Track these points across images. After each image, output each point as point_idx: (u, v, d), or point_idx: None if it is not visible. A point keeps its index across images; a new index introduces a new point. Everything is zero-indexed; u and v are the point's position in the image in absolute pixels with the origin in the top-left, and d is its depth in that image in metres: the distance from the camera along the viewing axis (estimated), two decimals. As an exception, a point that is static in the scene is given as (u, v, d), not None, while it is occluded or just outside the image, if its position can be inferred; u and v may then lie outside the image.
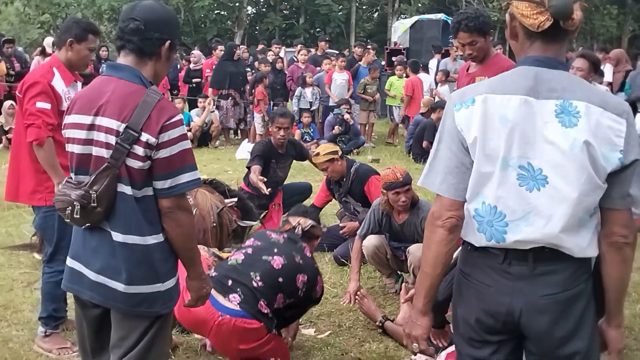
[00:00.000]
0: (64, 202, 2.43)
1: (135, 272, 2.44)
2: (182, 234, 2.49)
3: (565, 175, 2.00)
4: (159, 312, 2.52)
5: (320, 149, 6.09)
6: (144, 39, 2.46)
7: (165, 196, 2.42)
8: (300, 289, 3.73)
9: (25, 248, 6.05)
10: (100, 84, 2.52)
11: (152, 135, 2.35)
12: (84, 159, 2.47)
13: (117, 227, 2.43)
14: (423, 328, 2.28)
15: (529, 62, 2.10)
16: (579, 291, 2.09)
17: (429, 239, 2.19)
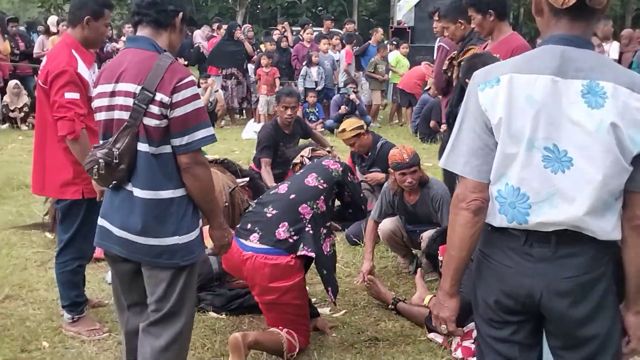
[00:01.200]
0: (92, 161, 2.63)
1: (154, 226, 2.65)
2: (201, 188, 2.69)
3: (591, 157, 1.98)
4: (179, 264, 2.70)
5: (346, 125, 6.07)
6: (160, 11, 2.70)
7: (183, 152, 2.61)
8: (320, 184, 3.84)
9: (37, 227, 6.08)
10: (121, 55, 2.78)
11: (165, 94, 2.56)
12: (108, 124, 2.70)
13: (137, 183, 2.64)
14: (451, 310, 2.28)
15: (555, 41, 2.06)
16: (600, 274, 2.08)
17: (453, 221, 2.19)
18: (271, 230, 3.65)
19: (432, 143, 10.96)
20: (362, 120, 6.27)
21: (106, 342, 3.95)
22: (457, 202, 2.16)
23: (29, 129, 12.38)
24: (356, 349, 3.93)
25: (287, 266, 3.59)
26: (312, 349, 3.89)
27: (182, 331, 2.81)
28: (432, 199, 4.88)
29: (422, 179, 4.92)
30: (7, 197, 7.39)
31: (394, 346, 3.97)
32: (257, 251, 3.62)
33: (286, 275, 3.60)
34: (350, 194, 4.04)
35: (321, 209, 3.79)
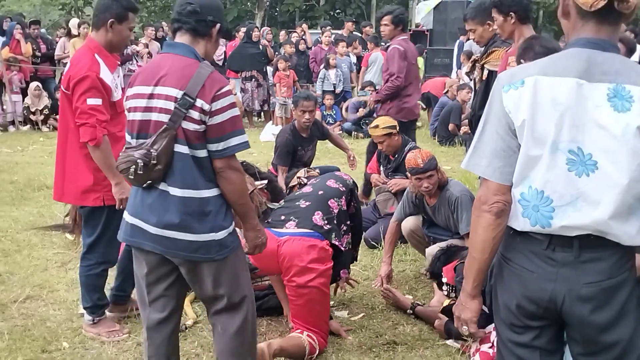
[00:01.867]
0: (128, 162, 2.72)
1: (190, 223, 2.76)
2: (235, 191, 2.83)
3: (616, 160, 1.96)
4: (214, 258, 2.82)
5: (380, 122, 6.04)
6: (199, 20, 2.82)
7: (218, 157, 2.75)
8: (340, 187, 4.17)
9: (58, 228, 6.13)
10: (160, 59, 2.88)
11: (206, 101, 2.69)
12: (144, 125, 2.79)
13: (174, 182, 2.75)
14: (472, 311, 2.28)
15: (581, 44, 2.05)
16: (623, 279, 2.06)
17: (475, 223, 2.18)
18: (308, 217, 3.90)
19: (450, 146, 10.94)
20: (396, 120, 6.21)
21: (126, 344, 3.97)
22: (479, 204, 2.15)
23: (50, 131, 12.51)
24: (374, 352, 3.92)
25: (323, 249, 3.80)
26: (330, 352, 3.89)
27: (245, 318, 2.96)
28: (449, 201, 4.86)
29: (441, 181, 4.90)
30: (28, 198, 7.46)
31: (412, 350, 3.95)
32: (295, 234, 3.80)
33: (321, 259, 3.78)
34: (356, 206, 4.32)
35: (343, 207, 4.12)
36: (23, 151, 10.54)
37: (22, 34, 12.79)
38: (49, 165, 9.27)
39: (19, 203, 7.23)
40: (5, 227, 6.27)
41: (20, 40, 12.68)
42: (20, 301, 4.54)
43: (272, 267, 3.91)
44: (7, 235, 6.04)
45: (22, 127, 12.64)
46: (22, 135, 11.99)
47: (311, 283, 3.73)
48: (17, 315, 4.34)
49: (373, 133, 6.05)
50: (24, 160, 9.68)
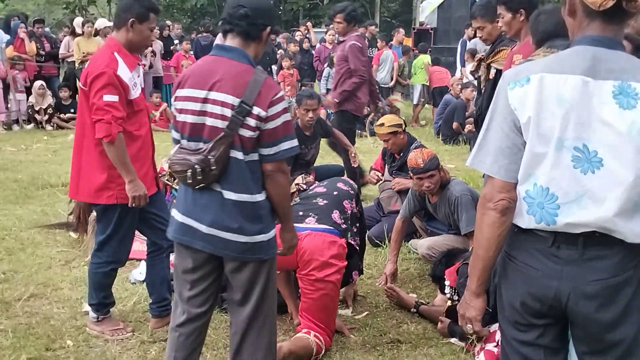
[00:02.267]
0: (184, 165, 2.79)
1: (243, 225, 2.82)
2: (282, 194, 2.91)
3: (622, 158, 1.96)
4: (262, 258, 2.91)
5: (385, 120, 6.01)
6: (251, 24, 2.83)
7: (270, 161, 2.82)
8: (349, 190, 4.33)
9: (62, 227, 6.13)
10: (211, 62, 2.88)
11: (262, 109, 2.74)
12: (197, 128, 2.83)
13: (228, 186, 2.81)
14: (477, 309, 2.27)
15: (587, 42, 2.05)
16: (628, 277, 2.05)
17: (480, 221, 2.17)
18: (327, 214, 4.00)
19: (454, 144, 10.93)
20: (402, 119, 6.20)
21: (129, 342, 3.97)
22: (484, 202, 2.15)
23: (54, 129, 12.55)
24: (378, 351, 3.92)
25: (342, 247, 3.89)
26: (335, 351, 3.89)
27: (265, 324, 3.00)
28: (449, 200, 4.90)
29: (444, 180, 4.93)
30: (32, 196, 7.46)
31: (416, 349, 3.95)
32: (316, 230, 3.87)
33: (340, 255, 3.87)
34: (360, 212, 4.40)
35: (354, 209, 4.25)
36: (27, 150, 10.55)
37: (26, 33, 12.82)
38: (52, 164, 9.31)
39: (23, 201, 7.23)
40: (9, 225, 6.27)
41: (25, 39, 12.71)
42: (24, 299, 4.54)
43: (288, 261, 3.88)
44: (11, 233, 6.04)
45: (26, 126, 12.66)
46: (26, 134, 12.01)
47: (329, 278, 3.78)
48: (21, 313, 4.34)
49: (378, 131, 6.03)
50: (27, 159, 9.68)
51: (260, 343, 3.00)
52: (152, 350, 3.86)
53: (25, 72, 12.84)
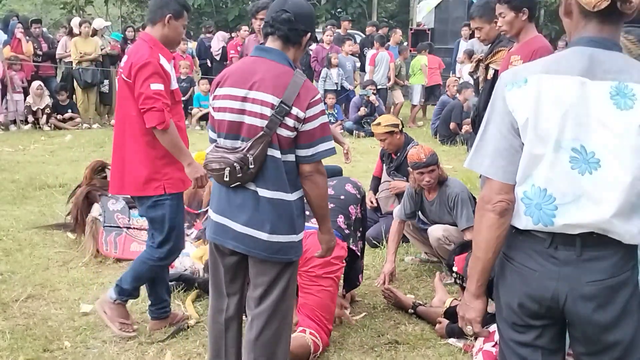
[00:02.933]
0: (222, 163, 2.83)
1: (277, 224, 2.87)
2: (320, 195, 2.95)
3: (619, 159, 1.96)
4: (292, 259, 2.98)
5: (382, 119, 6.02)
6: (292, 29, 2.89)
7: (307, 162, 2.87)
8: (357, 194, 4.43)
9: (59, 227, 6.13)
10: (252, 63, 2.94)
11: (301, 110, 2.80)
12: (235, 126, 2.88)
13: (265, 185, 2.85)
14: (476, 311, 2.27)
15: (584, 43, 2.05)
16: (625, 278, 2.05)
17: (479, 223, 2.17)
18: (333, 218, 3.93)
19: (451, 145, 10.94)
20: (399, 119, 6.20)
21: (127, 343, 3.96)
22: (482, 203, 2.15)
23: (51, 130, 12.53)
24: (376, 352, 3.92)
25: (344, 249, 4.00)
26: (332, 352, 3.88)
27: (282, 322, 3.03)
28: (448, 198, 4.95)
29: (441, 177, 5.00)
30: (30, 197, 7.45)
31: (414, 349, 3.95)
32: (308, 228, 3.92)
33: (341, 257, 3.96)
34: (363, 213, 4.49)
35: (358, 214, 4.33)
36: (24, 150, 10.53)
37: (23, 33, 12.79)
38: (50, 164, 9.30)
39: (21, 202, 7.22)
40: (7, 226, 6.26)
41: (22, 39, 12.68)
42: (22, 300, 4.53)
43: None
44: (8, 234, 6.04)
45: (24, 126, 12.63)
46: (24, 134, 11.99)
47: (329, 275, 3.86)
48: (18, 314, 4.33)
49: (375, 130, 6.03)
50: (25, 159, 9.67)
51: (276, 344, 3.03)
52: (149, 352, 3.86)
53: (22, 72, 12.80)
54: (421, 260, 5.54)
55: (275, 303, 2.98)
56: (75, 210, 5.67)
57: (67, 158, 9.89)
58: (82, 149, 10.66)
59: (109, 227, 5.48)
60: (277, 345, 3.03)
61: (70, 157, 9.94)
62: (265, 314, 2.99)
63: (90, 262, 5.33)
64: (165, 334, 4.06)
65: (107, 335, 4.05)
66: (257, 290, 3.00)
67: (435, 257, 5.24)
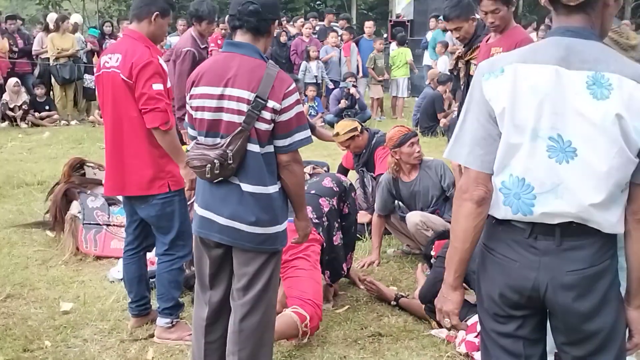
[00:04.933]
0: (203, 160, 2.86)
1: (261, 216, 2.92)
2: (297, 183, 3.01)
3: (596, 148, 1.96)
4: (277, 249, 3.05)
5: (339, 129, 6.01)
6: (261, 19, 2.90)
7: (285, 152, 2.92)
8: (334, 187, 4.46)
9: (38, 226, 6.07)
10: (224, 59, 2.95)
11: (277, 102, 2.83)
12: (214, 124, 2.91)
13: (246, 179, 2.90)
14: (454, 303, 2.26)
15: (561, 32, 2.05)
16: (605, 267, 2.06)
17: (457, 212, 2.17)
18: None
19: (432, 136, 10.97)
20: (355, 121, 6.21)
21: (109, 341, 3.93)
22: (460, 193, 2.15)
23: (29, 127, 12.40)
24: (359, 344, 3.92)
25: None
26: (316, 345, 3.88)
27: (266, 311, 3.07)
28: (435, 169, 5.16)
29: (421, 155, 5.23)
30: (8, 195, 7.37)
31: (398, 341, 3.96)
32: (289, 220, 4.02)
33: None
34: (349, 207, 4.54)
35: (335, 206, 4.38)
36: (1, 148, 10.43)
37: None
38: (28, 162, 9.20)
39: (-2, 201, 7.14)
40: (-15, 225, 6.18)
41: (-4, 36, 12.56)
42: (1, 300, 4.48)
43: None
44: (-14, 233, 5.96)
45: (1, 124, 12.48)
46: (1, 132, 11.85)
47: (297, 256, 3.97)
48: (-3, 314, 4.28)
49: (337, 140, 6.09)
50: (2, 157, 9.57)
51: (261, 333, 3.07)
52: (131, 349, 3.83)
53: (-2, 69, 12.67)
54: (403, 252, 5.56)
55: (260, 293, 3.01)
56: (54, 208, 5.61)
57: (46, 155, 9.80)
58: (61, 146, 10.56)
59: (88, 224, 5.43)
60: (262, 334, 3.07)
61: (49, 155, 9.84)
62: (249, 304, 3.02)
63: (70, 260, 5.28)
64: (147, 331, 4.03)
65: (87, 333, 4.02)
66: (241, 281, 3.03)
67: (417, 250, 5.26)
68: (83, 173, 5.97)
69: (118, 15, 24.27)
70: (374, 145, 5.94)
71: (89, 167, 6.02)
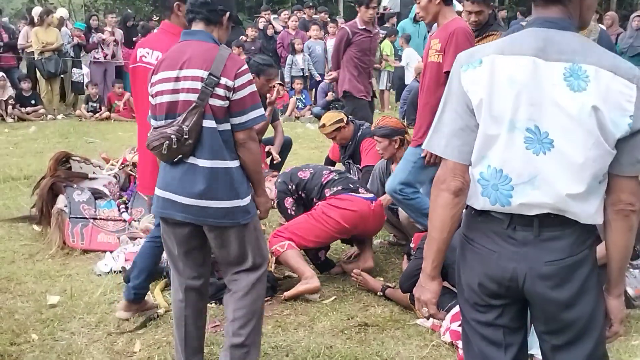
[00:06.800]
0: (161, 138, 2.96)
1: (220, 191, 3.03)
2: (254, 160, 3.13)
3: (572, 139, 1.97)
4: (240, 222, 3.11)
5: (326, 120, 6.03)
6: (211, 10, 3.12)
7: (241, 129, 3.05)
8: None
9: (24, 220, 6.05)
10: (180, 46, 3.14)
11: (229, 79, 2.98)
12: (172, 106, 3.04)
13: (202, 155, 3.01)
14: (432, 292, 2.28)
15: (539, 23, 2.06)
16: (583, 257, 2.08)
17: (434, 203, 2.18)
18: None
19: (419, 128, 10.98)
20: (342, 112, 6.22)
21: (96, 334, 3.94)
22: (438, 183, 2.16)
23: (15, 122, 12.33)
24: (346, 334, 3.95)
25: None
26: (302, 336, 3.91)
27: (262, 276, 3.26)
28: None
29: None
30: (-6, 190, 7.34)
31: (384, 331, 3.99)
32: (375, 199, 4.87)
33: None
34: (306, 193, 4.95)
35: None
36: (-13, 143, 10.37)
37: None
38: (14, 156, 9.16)
39: (-16, 195, 7.10)
40: (-29, 220, 6.16)
41: (-19, 30, 12.46)
42: (-12, 294, 4.48)
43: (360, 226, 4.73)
44: (-28, 228, 5.94)
45: (-14, 119, 12.42)
46: (-14, 127, 11.79)
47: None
48: (-16, 308, 4.28)
49: (323, 132, 6.11)
50: (-12, 152, 9.52)
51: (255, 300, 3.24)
52: (118, 342, 3.84)
53: (-17, 64, 12.59)
54: (389, 243, 5.59)
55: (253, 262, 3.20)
56: (40, 202, 5.60)
57: (32, 150, 9.75)
58: (47, 141, 10.52)
59: (75, 218, 5.43)
60: (255, 300, 3.23)
61: (35, 149, 9.80)
62: (242, 274, 3.20)
63: (57, 254, 5.28)
64: (134, 323, 4.04)
65: (74, 326, 4.03)
66: (230, 258, 3.18)
67: (404, 241, 5.29)
68: (69, 167, 5.96)
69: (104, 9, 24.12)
70: (360, 136, 5.96)
71: (74, 161, 6.01)
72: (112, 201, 5.74)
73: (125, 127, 11.92)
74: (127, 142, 9.78)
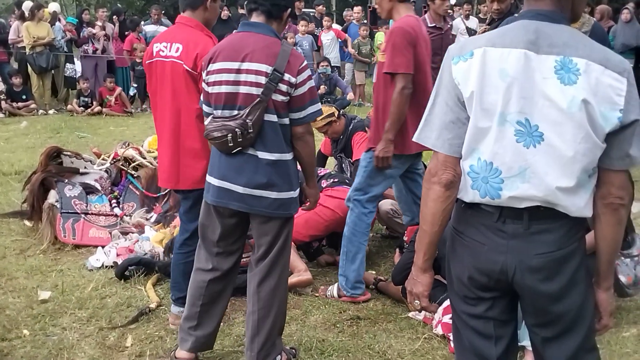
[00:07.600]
0: (224, 130, 3.06)
1: (278, 183, 3.15)
2: (310, 153, 3.29)
3: (562, 133, 1.97)
4: (291, 214, 3.28)
5: None
6: (274, 4, 3.17)
7: (300, 124, 3.17)
8: None
9: (16, 215, 6.03)
10: (241, 37, 3.19)
11: (292, 75, 3.07)
12: (231, 97, 3.11)
13: (263, 147, 3.11)
14: (423, 285, 2.28)
15: (530, 16, 2.05)
16: (572, 250, 2.08)
17: (425, 196, 2.18)
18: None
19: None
20: (333, 106, 6.20)
21: (87, 329, 3.93)
22: (429, 176, 2.15)
23: (6, 117, 12.27)
24: (338, 328, 3.96)
25: None
26: (295, 329, 3.91)
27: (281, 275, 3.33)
28: None
29: None
30: (-16, 185, 7.31)
31: (376, 324, 4.00)
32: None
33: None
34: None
35: None
36: (-22, 138, 10.32)
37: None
38: (5, 151, 9.12)
39: (-25, 191, 7.08)
40: (-38, 215, 6.13)
41: (-29, 25, 12.39)
42: (-22, 290, 4.46)
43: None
44: (-37, 224, 5.91)
45: (-22, 114, 12.36)
46: (-23, 122, 11.74)
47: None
48: (-25, 304, 4.26)
49: (314, 126, 6.03)
50: (-21, 147, 9.47)
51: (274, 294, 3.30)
52: (110, 337, 3.84)
53: (-27, 58, 12.53)
54: (382, 236, 5.60)
55: (275, 258, 3.26)
56: (32, 197, 5.58)
57: (23, 145, 9.71)
58: (38, 136, 10.47)
59: (66, 213, 5.42)
60: (275, 295, 3.30)
61: (26, 144, 9.76)
62: (265, 268, 3.27)
63: (49, 249, 5.27)
64: (126, 318, 4.03)
65: (66, 322, 4.02)
66: (259, 250, 3.28)
67: (396, 234, 5.29)
68: (60, 162, 5.94)
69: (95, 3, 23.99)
70: (352, 130, 5.94)
71: (65, 156, 5.99)
72: (103, 196, 5.73)
73: (117, 122, 11.89)
74: (119, 136, 9.76)
